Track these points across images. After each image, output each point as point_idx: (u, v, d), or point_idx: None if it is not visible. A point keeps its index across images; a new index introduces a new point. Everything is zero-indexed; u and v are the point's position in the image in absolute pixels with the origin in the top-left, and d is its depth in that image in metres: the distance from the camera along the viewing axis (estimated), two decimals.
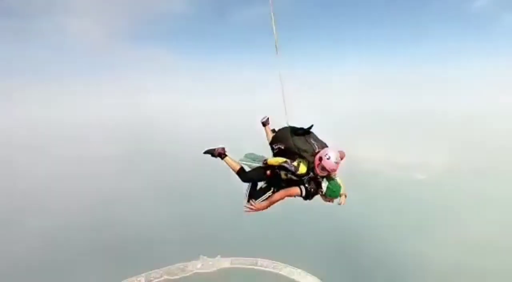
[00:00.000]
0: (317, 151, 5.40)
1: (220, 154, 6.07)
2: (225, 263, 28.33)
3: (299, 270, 26.64)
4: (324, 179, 5.27)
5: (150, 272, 27.07)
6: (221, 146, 5.90)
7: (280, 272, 26.11)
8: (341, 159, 5.33)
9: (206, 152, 6.16)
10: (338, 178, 5.30)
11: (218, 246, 29.20)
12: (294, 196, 5.56)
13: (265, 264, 28.25)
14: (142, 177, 45.45)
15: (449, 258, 25.00)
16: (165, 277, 26.58)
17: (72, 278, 24.04)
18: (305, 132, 5.67)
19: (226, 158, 6.03)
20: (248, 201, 5.87)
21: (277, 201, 5.52)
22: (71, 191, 41.62)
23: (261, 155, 6.08)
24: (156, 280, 26.09)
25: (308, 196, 5.39)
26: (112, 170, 48.21)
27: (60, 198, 38.80)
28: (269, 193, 5.74)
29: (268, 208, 5.48)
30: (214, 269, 27.61)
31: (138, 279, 26.52)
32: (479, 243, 27.22)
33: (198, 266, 28.64)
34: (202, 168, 47.05)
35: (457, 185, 38.82)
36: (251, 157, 6.03)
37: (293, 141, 5.49)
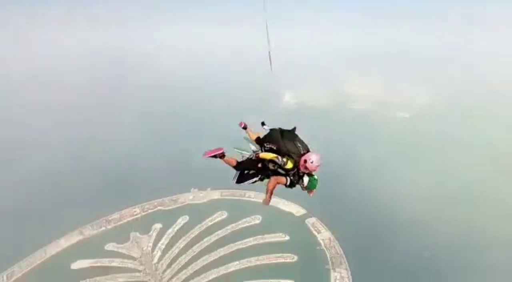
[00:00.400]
0: (302, 153, 6.50)
1: (221, 155, 7.03)
2: (215, 194, 30.47)
3: (283, 200, 29.23)
4: (305, 175, 6.58)
5: (144, 203, 28.99)
6: (220, 150, 6.94)
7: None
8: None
9: (209, 156, 7.13)
10: (316, 175, 6.64)
11: (208, 180, 30.98)
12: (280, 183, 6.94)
13: (252, 196, 30.66)
14: (129, 110, 44.73)
15: (426, 191, 27.53)
16: (159, 207, 28.64)
17: (67, 211, 25.52)
18: (293, 135, 6.73)
19: (225, 158, 7.04)
20: (238, 182, 7.31)
21: (273, 188, 6.96)
22: (59, 126, 41.01)
23: (246, 148, 7.30)
24: (151, 210, 28.15)
25: (292, 185, 6.77)
26: (97, 102, 46.92)
27: (48, 134, 38.42)
28: (256, 178, 7.15)
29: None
30: (205, 200, 29.80)
31: (134, 209, 28.49)
32: (458, 178, 29.80)
33: (190, 197, 30.80)
34: (191, 100, 46.44)
35: (440, 124, 40.76)
36: (240, 148, 7.25)
37: (284, 143, 6.57)
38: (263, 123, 7.38)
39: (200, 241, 24.49)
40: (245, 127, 7.70)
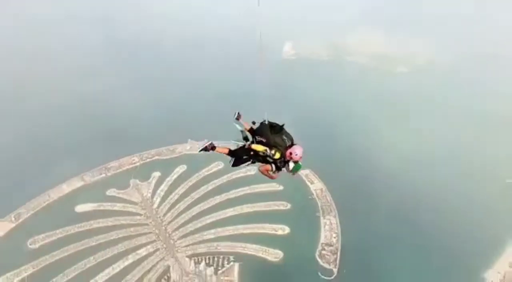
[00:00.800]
0: (288, 145, 7.48)
1: (212, 148, 7.80)
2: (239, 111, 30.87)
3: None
4: (291, 161, 7.56)
5: (142, 152, 29.54)
6: (209, 142, 7.76)
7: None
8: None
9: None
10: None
11: (205, 132, 31.18)
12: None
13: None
14: (126, 61, 42.89)
15: (422, 146, 28.03)
16: (156, 157, 29.28)
17: (67, 158, 26.01)
18: (280, 129, 7.67)
19: (217, 148, 7.83)
20: (234, 166, 8.41)
21: (264, 171, 7.92)
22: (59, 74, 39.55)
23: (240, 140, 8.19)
24: (149, 159, 28.82)
25: (278, 169, 7.80)
26: (92, 51, 44.68)
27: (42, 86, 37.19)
28: (248, 162, 8.19)
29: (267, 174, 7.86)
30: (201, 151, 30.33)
31: (132, 158, 29.13)
32: (453, 132, 30.14)
33: (187, 148, 31.34)
34: (186, 49, 44.42)
35: (439, 84, 39.99)
36: (236, 140, 8.29)
37: (272, 137, 7.56)
38: (253, 123, 8.23)
39: (197, 189, 25.68)
40: (238, 118, 8.50)
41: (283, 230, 20.37)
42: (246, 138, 8.44)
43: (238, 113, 8.55)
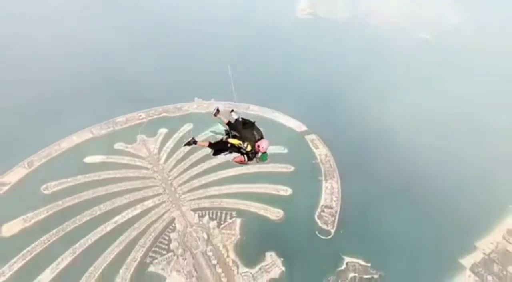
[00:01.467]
0: (257, 139, 8.79)
1: (194, 142, 9.18)
2: (219, 105, 30.59)
3: (286, 116, 29.58)
4: (260, 152, 8.96)
5: (149, 109, 29.50)
6: (191, 138, 9.09)
7: (267, 116, 29.01)
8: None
9: (185, 145, 9.23)
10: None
11: (212, 91, 30.69)
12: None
13: (256, 109, 30.88)
14: (137, 17, 40.97)
15: (448, 110, 27.12)
16: (164, 114, 29.28)
17: (77, 111, 26.16)
18: (251, 126, 8.99)
19: (199, 143, 9.13)
20: (214, 155, 9.74)
21: (238, 162, 9.33)
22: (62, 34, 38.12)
23: (220, 130, 9.54)
24: (156, 116, 28.86)
25: (250, 159, 9.16)
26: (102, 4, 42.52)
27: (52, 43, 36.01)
28: (226, 152, 9.44)
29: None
30: (208, 110, 30.14)
31: (139, 114, 29.19)
32: (464, 110, 29.06)
33: (194, 106, 31.11)
34: (191, 10, 42.11)
35: (461, 51, 37.51)
36: (214, 131, 9.59)
37: (244, 132, 8.87)
38: (232, 111, 9.66)
39: (201, 149, 25.93)
40: (216, 114, 9.77)
41: (285, 191, 20.91)
42: (227, 132, 9.74)
43: (217, 109, 9.65)
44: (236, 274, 15.07)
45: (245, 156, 9.68)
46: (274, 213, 18.68)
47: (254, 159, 9.73)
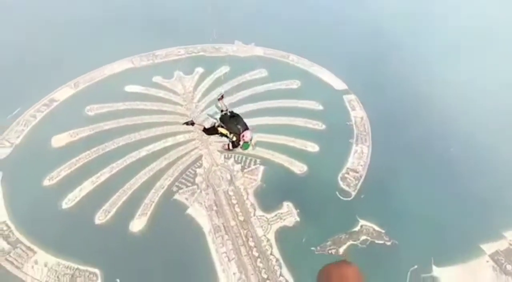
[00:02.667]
0: (241, 132, 11.09)
1: (192, 123, 11.79)
2: (258, 51, 29.17)
3: (326, 71, 27.62)
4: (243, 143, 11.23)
5: (188, 46, 28.99)
6: (190, 120, 12.08)
7: (308, 70, 27.35)
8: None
9: (183, 124, 12.26)
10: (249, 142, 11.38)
11: (253, 35, 29.05)
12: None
13: (295, 60, 29.08)
14: None
15: (476, 82, 24.16)
16: (202, 53, 28.63)
17: (118, 40, 26.33)
18: (236, 118, 11.34)
19: (196, 124, 11.49)
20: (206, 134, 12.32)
21: (225, 148, 12.05)
22: None
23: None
24: (194, 54, 28.37)
25: (234, 147, 11.77)
26: None
27: None
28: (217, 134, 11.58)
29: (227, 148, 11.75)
30: (247, 54, 28.94)
31: (178, 50, 28.89)
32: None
33: (233, 49, 29.87)
34: None
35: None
36: (211, 115, 11.80)
37: (229, 125, 11.29)
38: (221, 98, 12.06)
39: (237, 92, 25.62)
40: (220, 99, 11.74)
41: (312, 147, 20.55)
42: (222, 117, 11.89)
43: (222, 95, 11.84)
44: (252, 216, 15.95)
45: (231, 143, 12.00)
46: (298, 167, 18.70)
47: (239, 147, 12.31)
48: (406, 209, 17.81)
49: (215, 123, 11.67)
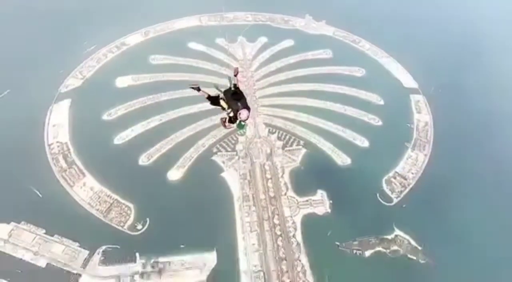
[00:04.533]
0: (240, 109, 9.43)
1: (198, 89, 10.27)
2: (328, 30, 27.48)
3: (398, 65, 25.11)
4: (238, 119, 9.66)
5: (256, 13, 28.36)
6: (197, 85, 10.14)
7: (378, 59, 25.14)
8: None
9: (190, 87, 10.30)
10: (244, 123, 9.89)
11: (327, 11, 27.20)
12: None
13: (366, 47, 26.87)
14: None
15: None
16: (269, 23, 27.86)
17: (185, 1, 26.55)
18: (238, 95, 9.88)
19: (201, 90, 10.21)
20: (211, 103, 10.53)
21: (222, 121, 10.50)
22: None
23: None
24: (261, 22, 27.75)
25: (231, 121, 10.14)
26: None
27: None
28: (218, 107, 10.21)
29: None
30: (316, 32, 27.45)
31: (246, 15, 28.44)
32: None
33: (302, 23, 28.59)
34: None
35: None
36: (217, 87, 10.25)
37: (230, 101, 9.81)
38: (235, 75, 10.29)
39: (297, 69, 24.81)
40: (236, 74, 10.28)
41: (362, 142, 19.34)
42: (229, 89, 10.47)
43: (237, 70, 10.54)
44: (283, 195, 15.76)
45: (228, 119, 10.72)
46: (341, 158, 17.83)
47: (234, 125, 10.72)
48: (451, 230, 16.06)
49: (219, 95, 10.59)
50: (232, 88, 10.72)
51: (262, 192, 16.02)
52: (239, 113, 10.21)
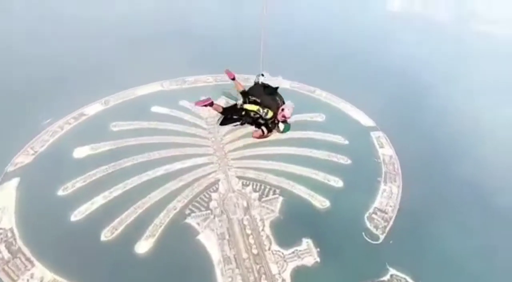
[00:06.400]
0: (280, 106, 8.81)
1: (210, 104, 8.82)
2: (285, 83, 29.46)
3: (354, 107, 27.06)
4: (280, 122, 9.50)
5: (218, 75, 29.99)
6: (209, 100, 8.88)
7: (335, 105, 26.96)
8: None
9: (197, 105, 9.00)
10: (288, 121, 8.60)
11: (281, 69, 29.69)
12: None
13: (323, 95, 28.94)
14: None
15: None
16: (230, 82, 29.49)
17: (149, 65, 27.74)
18: (273, 90, 8.69)
19: (214, 105, 8.71)
20: (221, 125, 9.24)
21: (258, 137, 8.90)
22: None
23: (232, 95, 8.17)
24: (222, 82, 29.12)
25: (269, 131, 9.43)
26: None
27: None
28: (238, 123, 9.05)
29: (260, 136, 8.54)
30: (274, 85, 29.35)
31: (207, 78, 29.92)
32: None
33: (261, 79, 30.57)
34: None
35: None
36: (228, 95, 8.81)
37: (266, 97, 8.95)
38: (262, 75, 9.00)
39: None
40: (233, 78, 9.24)
41: (336, 182, 19.19)
42: (243, 94, 8.54)
43: (234, 76, 9.09)
44: (267, 250, 14.42)
45: (264, 127, 8.80)
46: (319, 201, 17.27)
47: (275, 130, 8.67)
48: (445, 261, 15.42)
49: (236, 103, 8.80)
50: (260, 83, 8.92)
51: (244, 251, 14.54)
52: (282, 110, 8.63)
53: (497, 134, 24.19)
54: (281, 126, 8.65)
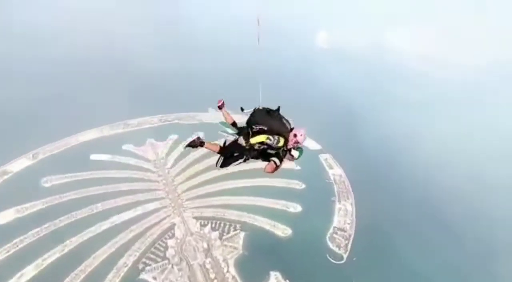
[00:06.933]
0: (290, 129, 6.71)
1: (201, 143, 6.72)
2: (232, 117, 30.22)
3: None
4: (293, 149, 7.00)
5: (163, 115, 29.33)
6: (196, 136, 6.70)
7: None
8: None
9: (187, 146, 6.75)
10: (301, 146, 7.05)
11: (228, 103, 30.44)
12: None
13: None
14: (146, 22, 42.82)
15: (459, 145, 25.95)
16: (176, 121, 29.00)
17: (88, 110, 26.14)
18: (277, 114, 6.81)
19: (206, 144, 6.77)
20: (222, 167, 7.02)
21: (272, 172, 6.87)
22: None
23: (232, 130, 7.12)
24: (168, 122, 28.58)
25: (281, 161, 6.93)
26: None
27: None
28: (241, 160, 6.95)
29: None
30: (221, 121, 29.72)
31: (152, 119, 29.01)
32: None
33: (207, 116, 30.84)
34: (210, 18, 43.55)
35: (493, 94, 36.44)
36: (225, 124, 7.26)
37: (273, 123, 6.70)
38: (242, 109, 7.27)
39: (211, 157, 25.03)
40: (221, 107, 7.72)
41: (294, 208, 19.56)
42: (240, 130, 7.14)
43: (223, 102, 7.67)
44: None
45: (275, 158, 7.01)
46: (281, 230, 17.24)
47: (286, 158, 7.14)
48: (404, 270, 16.37)
49: (236, 138, 7.10)
50: (260, 108, 7.26)
51: None
52: (295, 135, 6.92)
53: (431, 147, 26.48)
54: (296, 153, 7.05)
